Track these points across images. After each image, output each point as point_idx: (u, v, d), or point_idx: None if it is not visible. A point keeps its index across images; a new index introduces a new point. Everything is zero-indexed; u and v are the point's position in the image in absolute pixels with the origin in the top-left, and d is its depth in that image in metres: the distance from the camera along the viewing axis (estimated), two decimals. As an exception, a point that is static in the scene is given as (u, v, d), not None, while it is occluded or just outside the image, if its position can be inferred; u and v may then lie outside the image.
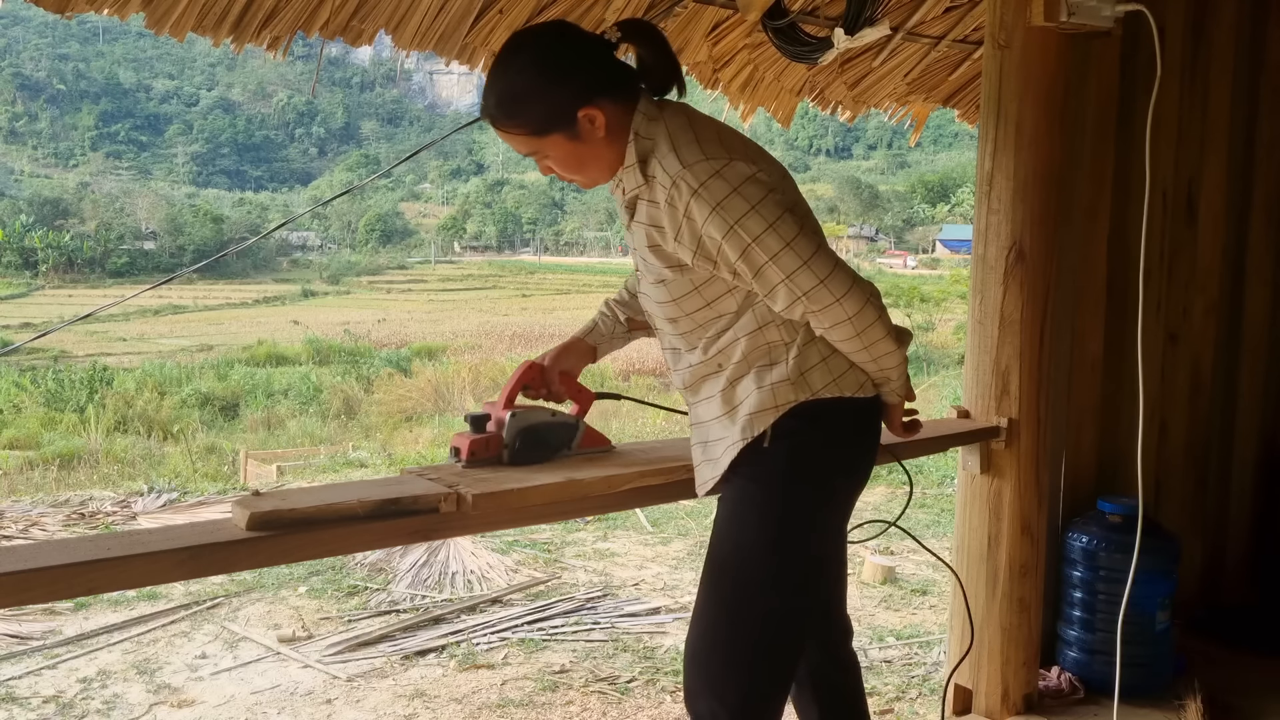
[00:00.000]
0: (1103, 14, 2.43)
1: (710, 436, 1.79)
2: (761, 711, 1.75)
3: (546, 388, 1.95)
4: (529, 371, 1.94)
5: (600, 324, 2.02)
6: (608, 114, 1.64)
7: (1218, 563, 3.39)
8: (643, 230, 1.71)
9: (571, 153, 1.67)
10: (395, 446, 13.48)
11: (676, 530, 5.58)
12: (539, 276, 65.63)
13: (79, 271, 58.15)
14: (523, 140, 1.68)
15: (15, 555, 1.40)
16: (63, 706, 3.41)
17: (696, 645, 1.78)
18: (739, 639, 1.73)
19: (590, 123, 1.64)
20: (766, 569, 1.72)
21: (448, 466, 1.87)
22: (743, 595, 1.74)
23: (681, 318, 1.76)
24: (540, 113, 1.64)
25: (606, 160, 1.69)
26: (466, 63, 3.05)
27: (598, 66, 1.66)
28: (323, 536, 1.57)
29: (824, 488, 1.76)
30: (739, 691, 1.72)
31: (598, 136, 1.65)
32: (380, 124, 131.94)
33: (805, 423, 1.70)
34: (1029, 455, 2.54)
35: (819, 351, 1.72)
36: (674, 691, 3.42)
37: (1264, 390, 3.44)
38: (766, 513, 1.72)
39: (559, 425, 1.92)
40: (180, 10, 2.54)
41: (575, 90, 1.63)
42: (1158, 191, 2.92)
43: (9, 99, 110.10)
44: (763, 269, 1.63)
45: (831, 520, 1.82)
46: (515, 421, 1.86)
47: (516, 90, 1.65)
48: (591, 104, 1.63)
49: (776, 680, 1.77)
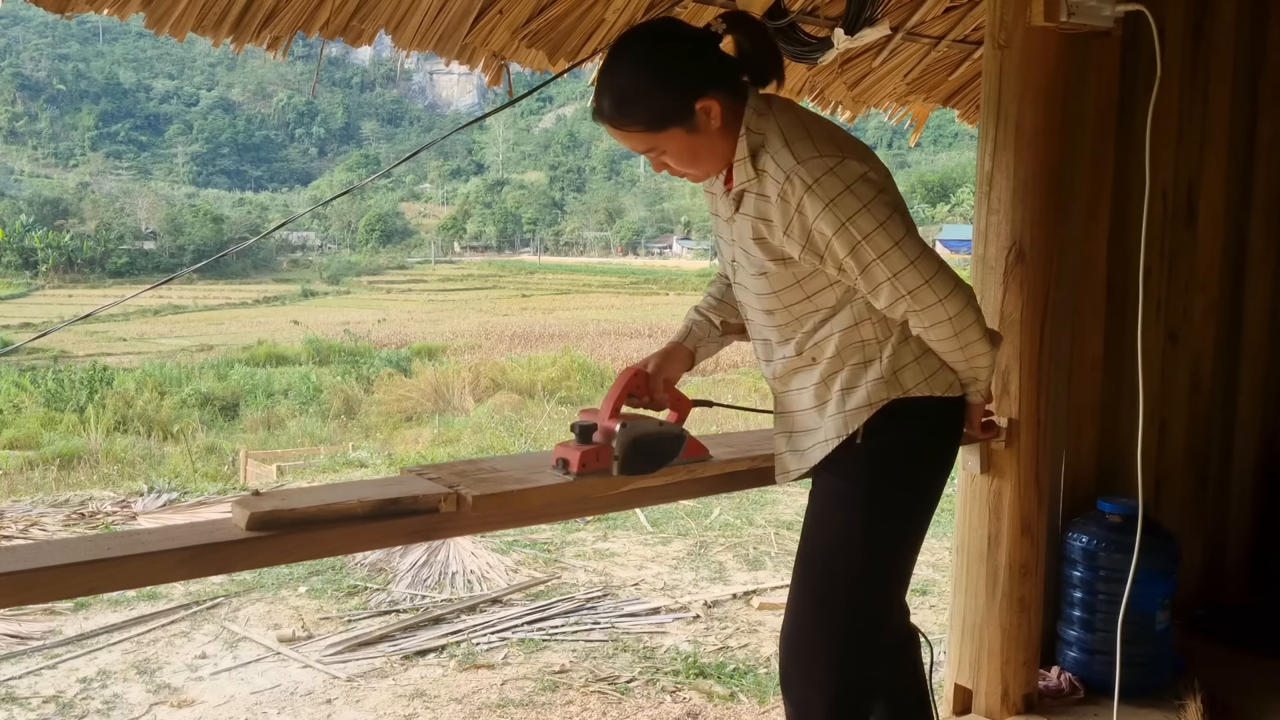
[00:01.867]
0: (1103, 14, 2.42)
1: (797, 427, 1.85)
2: (857, 699, 1.84)
3: (650, 395, 1.94)
4: (634, 379, 1.90)
5: (695, 328, 2.03)
6: (722, 106, 1.67)
7: (1218, 563, 3.39)
8: (749, 222, 1.73)
9: (688, 146, 1.70)
10: (395, 446, 13.48)
11: (676, 530, 5.58)
12: (539, 276, 65.62)
13: (79, 271, 58.14)
14: (640, 138, 1.69)
15: (15, 555, 1.40)
16: (63, 706, 3.41)
17: (792, 637, 1.86)
18: (834, 631, 1.81)
19: (706, 115, 1.66)
20: (858, 563, 1.79)
21: (448, 466, 1.87)
22: (835, 588, 1.81)
23: (779, 310, 1.79)
24: (657, 109, 1.66)
25: (720, 153, 1.72)
26: (466, 63, 3.05)
27: (707, 59, 1.68)
28: (323, 536, 1.57)
29: (913, 484, 1.83)
30: (834, 681, 1.80)
31: (713, 128, 1.68)
32: (380, 124, 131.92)
33: (897, 420, 1.76)
34: (1029, 455, 2.54)
35: (911, 351, 1.77)
36: (674, 691, 3.42)
37: (1264, 390, 3.44)
38: (858, 509, 1.79)
39: (666, 435, 1.89)
40: (180, 10, 2.54)
41: (690, 84, 1.65)
42: (1158, 191, 2.91)
43: (9, 99, 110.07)
44: (869, 266, 1.67)
45: (918, 516, 1.88)
46: (626, 433, 1.81)
47: (631, 89, 1.67)
48: (706, 96, 1.65)
49: (868, 667, 1.86)
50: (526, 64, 3.12)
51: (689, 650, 3.79)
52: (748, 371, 22.25)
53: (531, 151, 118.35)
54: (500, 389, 20.77)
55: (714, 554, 5.14)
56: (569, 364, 23.60)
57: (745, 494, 6.18)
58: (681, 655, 3.73)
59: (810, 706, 1.82)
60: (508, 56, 3.07)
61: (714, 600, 4.40)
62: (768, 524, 5.67)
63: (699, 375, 23.35)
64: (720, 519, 5.77)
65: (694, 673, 3.55)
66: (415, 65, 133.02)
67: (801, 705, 1.83)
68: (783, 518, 5.81)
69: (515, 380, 21.83)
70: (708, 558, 5.08)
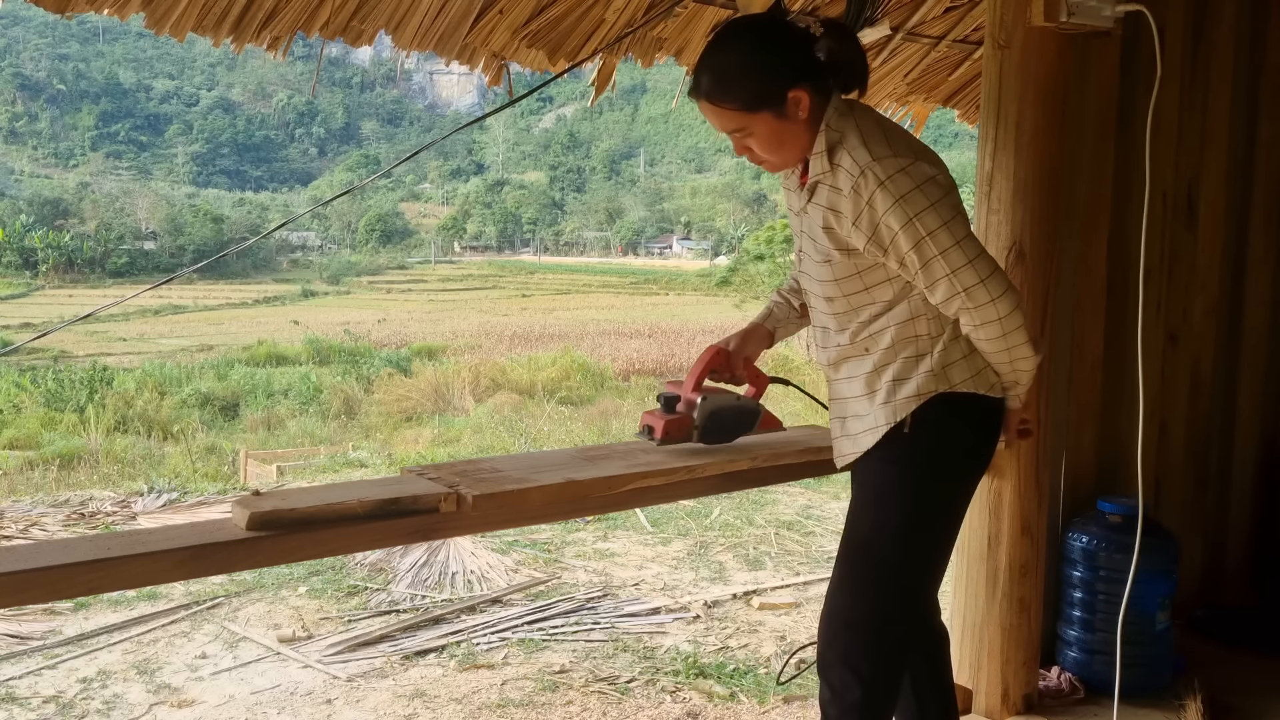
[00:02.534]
0: (1103, 14, 2.42)
1: (849, 413, 1.94)
2: (889, 682, 1.94)
3: (730, 372, 2.08)
4: (716, 356, 2.03)
5: (775, 310, 2.16)
6: (810, 99, 1.78)
7: (1218, 563, 3.39)
8: (820, 212, 1.83)
9: (775, 131, 1.80)
10: (395, 446, 13.48)
11: (676, 530, 5.58)
12: (539, 276, 65.63)
13: (79, 271, 58.14)
14: (733, 115, 1.79)
15: (15, 555, 1.40)
16: (63, 706, 3.41)
17: (833, 619, 1.94)
18: (874, 614, 1.90)
19: (796, 104, 1.77)
20: (902, 548, 1.89)
21: (448, 466, 1.87)
22: (878, 573, 1.90)
23: (839, 298, 1.89)
24: (754, 89, 1.77)
25: (802, 143, 1.83)
26: (466, 63, 3.05)
27: (804, 54, 1.80)
28: (323, 536, 1.57)
29: (954, 475, 1.93)
30: (871, 663, 1.90)
31: (800, 118, 1.79)
32: (380, 124, 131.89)
33: (942, 412, 1.85)
34: (1029, 455, 2.54)
35: (961, 349, 1.86)
36: (674, 691, 3.42)
37: (1264, 390, 3.44)
38: (904, 495, 1.88)
39: (744, 409, 2.05)
40: (180, 10, 2.54)
41: (787, 72, 1.77)
42: (1158, 192, 2.91)
43: (9, 99, 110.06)
44: (930, 262, 1.76)
45: (955, 506, 1.97)
46: (706, 405, 1.98)
47: (733, 68, 1.79)
48: (799, 86, 1.77)
49: (899, 652, 1.95)
50: (526, 64, 3.12)
51: (689, 650, 3.79)
52: (798, 366, 22.23)
53: (531, 151, 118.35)
54: (500, 389, 20.78)
55: (714, 554, 5.14)
56: (569, 364, 23.62)
57: (745, 494, 6.18)
58: (681, 655, 3.73)
59: (847, 687, 1.90)
60: (508, 56, 3.07)
61: (714, 600, 4.40)
62: (768, 524, 5.67)
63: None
64: (720, 519, 5.77)
65: (694, 673, 3.55)
66: (415, 65, 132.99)
67: (839, 686, 1.91)
68: (783, 518, 5.81)
69: (515, 380, 21.84)
70: (708, 558, 5.08)
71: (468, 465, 1.88)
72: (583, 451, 2.08)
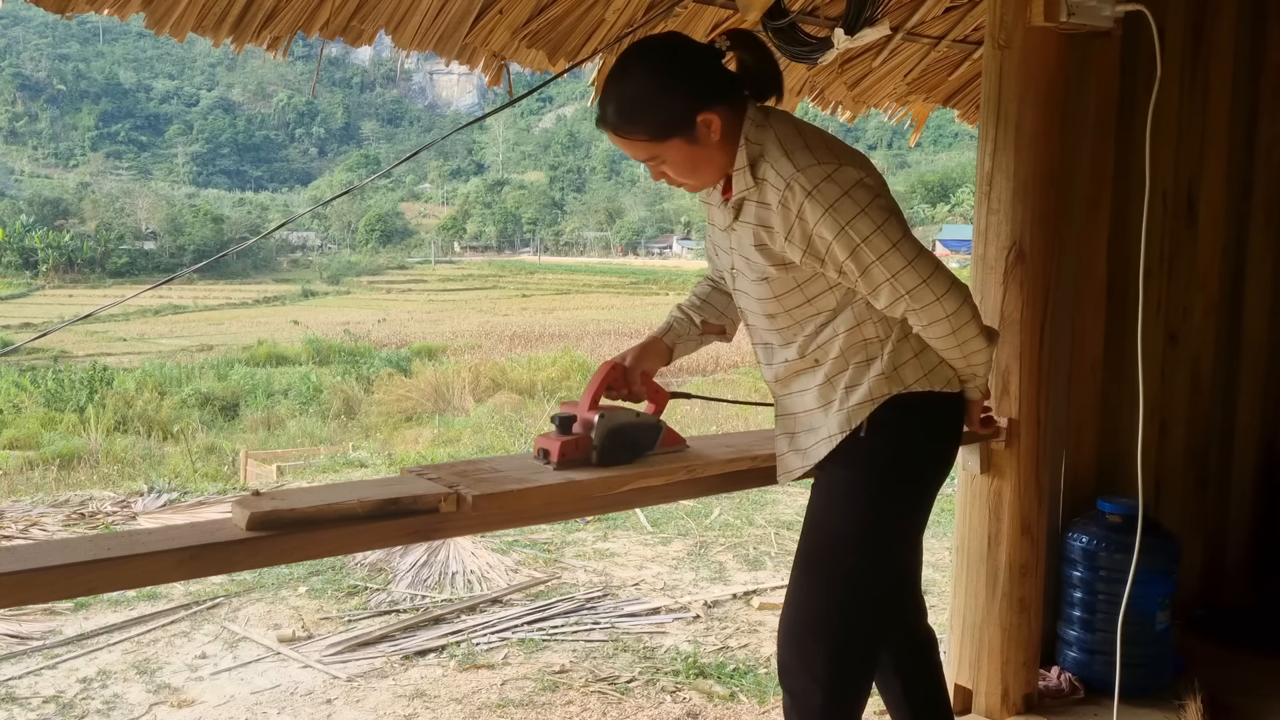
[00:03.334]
0: (1103, 14, 2.43)
1: (800, 427, 1.90)
2: (851, 687, 1.88)
3: (628, 388, 2.00)
4: (612, 372, 1.97)
5: (675, 325, 2.08)
6: (722, 119, 1.73)
7: (1218, 563, 3.39)
8: (749, 229, 1.79)
9: (689, 156, 1.75)
10: (395, 446, 13.48)
11: (676, 530, 5.58)
12: (539, 276, 65.64)
13: (79, 271, 58.15)
14: (642, 146, 1.75)
15: (15, 555, 1.40)
16: (63, 706, 3.41)
17: (791, 624, 1.90)
18: (832, 618, 1.86)
19: (707, 127, 1.72)
20: (859, 553, 1.84)
21: (448, 466, 1.87)
22: (836, 578, 1.86)
23: (780, 314, 1.84)
24: (660, 119, 1.72)
25: (719, 164, 1.78)
26: (466, 63, 3.05)
27: (711, 74, 1.75)
28: (323, 536, 1.57)
29: (915, 476, 1.88)
30: (834, 670, 1.85)
31: (713, 141, 1.74)
32: (380, 124, 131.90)
33: (898, 414, 1.81)
34: (1029, 455, 2.54)
35: (911, 347, 1.83)
36: (674, 691, 3.42)
37: (1264, 390, 3.44)
38: (861, 499, 1.84)
39: (643, 425, 1.97)
40: (180, 10, 2.54)
41: (693, 97, 1.71)
42: (1158, 191, 2.91)
43: (9, 99, 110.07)
44: (869, 268, 1.72)
45: (919, 507, 1.93)
46: (604, 423, 1.88)
47: (637, 99, 1.72)
48: (708, 109, 1.71)
49: (866, 657, 1.90)
50: (526, 64, 3.12)
51: (689, 650, 3.79)
52: (747, 371, 22.26)
53: (531, 151, 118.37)
54: (500, 389, 20.77)
55: (714, 554, 5.14)
56: (569, 364, 23.61)
57: (745, 494, 6.18)
58: (681, 655, 3.73)
59: (809, 695, 1.86)
60: (508, 56, 3.07)
61: (714, 600, 4.40)
62: (768, 524, 5.67)
63: (698, 375, 23.37)
64: (720, 519, 5.77)
65: (694, 673, 3.55)
66: (415, 65, 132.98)
67: (800, 694, 1.88)
68: (783, 518, 5.81)
69: (515, 380, 21.83)
70: (708, 558, 5.08)
71: (468, 465, 1.88)
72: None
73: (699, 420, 13.62)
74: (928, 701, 2.10)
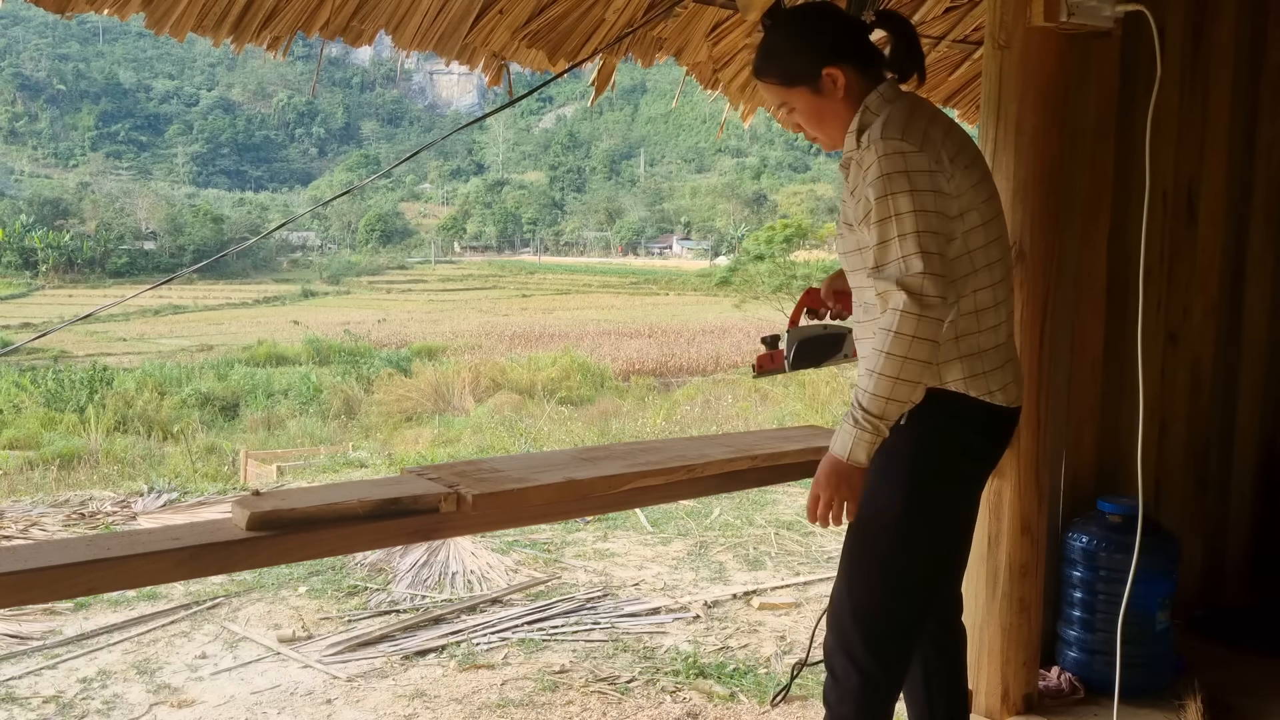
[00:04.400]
0: (1103, 14, 2.43)
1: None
2: (890, 674, 1.94)
3: (824, 306, 2.26)
4: (807, 296, 2.28)
5: None
6: (849, 79, 1.87)
7: (1218, 563, 3.39)
8: (847, 187, 1.91)
9: (814, 107, 1.90)
10: (395, 446, 13.47)
11: (676, 530, 5.58)
12: (539, 276, 65.62)
13: (79, 271, 58.13)
14: (773, 90, 1.93)
15: (15, 555, 1.40)
16: (63, 706, 3.41)
17: (838, 606, 1.97)
18: (874, 605, 1.92)
19: (833, 82, 1.86)
20: (897, 540, 1.90)
21: (448, 466, 1.87)
22: (877, 564, 1.92)
23: (851, 273, 1.95)
24: (790, 67, 1.90)
25: (845, 121, 1.90)
26: (466, 63, 3.05)
27: (845, 37, 1.90)
28: (323, 536, 1.57)
29: (948, 472, 1.91)
30: (871, 654, 1.91)
31: (838, 96, 1.87)
32: (380, 124, 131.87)
33: (936, 408, 1.84)
34: (1029, 455, 2.54)
35: (957, 349, 1.84)
36: (674, 691, 3.42)
37: (1264, 390, 3.44)
38: (896, 487, 1.88)
39: (831, 336, 2.27)
40: (180, 10, 2.54)
41: (821, 52, 1.87)
42: (1158, 191, 2.91)
43: (9, 99, 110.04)
44: (886, 243, 1.76)
45: (956, 503, 1.96)
46: (793, 335, 2.25)
47: (773, 47, 1.92)
48: (835, 65, 1.86)
49: (902, 643, 1.95)
50: (526, 64, 3.12)
51: (689, 650, 3.79)
52: (748, 372, 22.21)
53: (531, 151, 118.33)
54: (500, 389, 20.78)
55: (714, 554, 5.14)
56: (569, 364, 23.62)
57: (745, 494, 6.18)
58: (681, 655, 3.73)
59: (846, 675, 1.92)
60: (508, 56, 3.07)
61: (714, 600, 4.40)
62: (768, 524, 5.67)
63: (698, 375, 23.37)
64: (720, 519, 5.77)
65: (694, 673, 3.55)
66: (415, 65, 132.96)
67: (840, 674, 1.94)
68: (783, 518, 5.80)
69: (515, 380, 21.84)
70: (708, 558, 5.08)
71: (468, 465, 1.88)
72: (583, 451, 2.08)
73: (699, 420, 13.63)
74: (946, 695, 2.13)
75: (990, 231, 1.85)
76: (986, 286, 1.85)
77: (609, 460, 1.96)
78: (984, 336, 1.86)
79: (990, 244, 1.85)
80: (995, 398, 1.87)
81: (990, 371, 1.86)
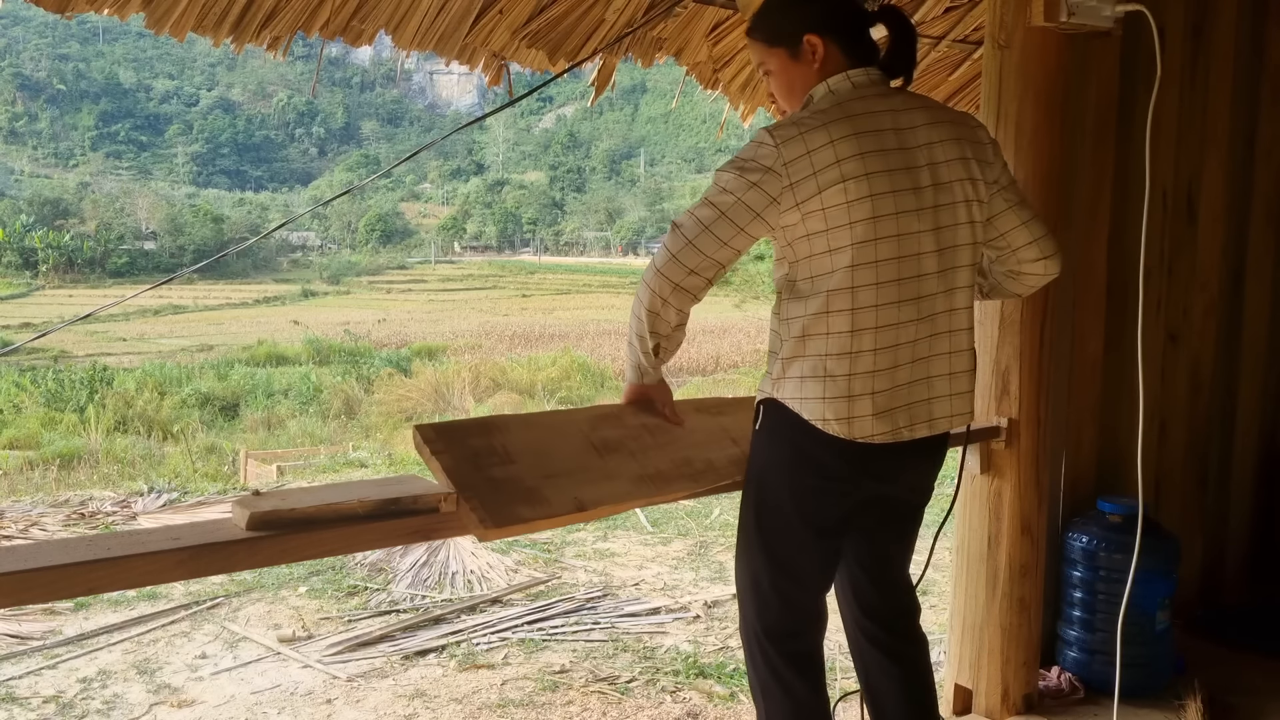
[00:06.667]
0: (1103, 14, 2.42)
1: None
2: (772, 680, 1.90)
3: None
4: None
5: None
6: (829, 53, 1.82)
7: (1218, 563, 3.39)
8: None
9: (786, 72, 1.87)
10: (395, 446, 13.46)
11: (676, 530, 5.58)
12: (539, 276, 65.60)
13: (79, 271, 58.11)
14: (756, 49, 1.91)
15: (15, 555, 1.40)
16: (63, 706, 3.41)
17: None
18: (742, 619, 1.97)
19: (811, 51, 1.83)
20: (747, 532, 1.92)
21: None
22: (738, 574, 1.97)
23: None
24: (775, 26, 1.87)
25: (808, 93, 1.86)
26: (466, 63, 3.05)
27: (839, 14, 1.86)
28: (323, 536, 1.57)
29: (798, 482, 1.84)
30: (756, 673, 1.94)
31: (813, 67, 1.83)
32: (380, 124, 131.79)
33: (770, 420, 1.83)
34: (1029, 455, 2.54)
35: (799, 368, 1.77)
36: (674, 691, 3.42)
37: (1264, 390, 3.44)
38: (746, 496, 1.93)
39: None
40: (180, 10, 2.54)
41: (810, 17, 1.84)
42: (1158, 191, 2.91)
43: (9, 99, 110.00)
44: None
45: (804, 512, 1.85)
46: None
47: (769, 4, 1.90)
48: (818, 34, 1.82)
49: (780, 666, 1.89)
50: (526, 64, 3.12)
51: (689, 650, 3.79)
52: (748, 372, 22.24)
53: (531, 151, 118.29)
54: (500, 389, 20.77)
55: (714, 554, 5.14)
56: (569, 364, 23.61)
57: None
58: (681, 655, 3.73)
59: (753, 694, 1.98)
60: (508, 56, 3.07)
61: (714, 600, 4.40)
62: (768, 524, 5.67)
63: (698, 375, 23.34)
64: (720, 519, 5.77)
65: (694, 673, 3.55)
66: (415, 65, 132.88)
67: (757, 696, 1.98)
68: (783, 518, 5.81)
69: (515, 380, 21.83)
70: (708, 558, 5.08)
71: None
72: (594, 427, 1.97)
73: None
74: (919, 702, 2.02)
75: (880, 272, 1.71)
76: (869, 328, 1.72)
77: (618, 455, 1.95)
78: (836, 361, 1.72)
79: (878, 285, 1.71)
80: (831, 427, 1.73)
81: (835, 399, 1.73)
